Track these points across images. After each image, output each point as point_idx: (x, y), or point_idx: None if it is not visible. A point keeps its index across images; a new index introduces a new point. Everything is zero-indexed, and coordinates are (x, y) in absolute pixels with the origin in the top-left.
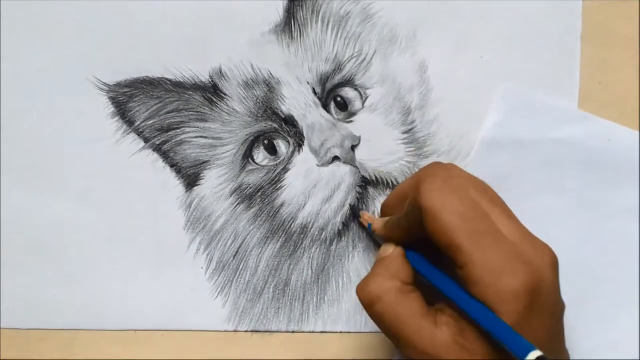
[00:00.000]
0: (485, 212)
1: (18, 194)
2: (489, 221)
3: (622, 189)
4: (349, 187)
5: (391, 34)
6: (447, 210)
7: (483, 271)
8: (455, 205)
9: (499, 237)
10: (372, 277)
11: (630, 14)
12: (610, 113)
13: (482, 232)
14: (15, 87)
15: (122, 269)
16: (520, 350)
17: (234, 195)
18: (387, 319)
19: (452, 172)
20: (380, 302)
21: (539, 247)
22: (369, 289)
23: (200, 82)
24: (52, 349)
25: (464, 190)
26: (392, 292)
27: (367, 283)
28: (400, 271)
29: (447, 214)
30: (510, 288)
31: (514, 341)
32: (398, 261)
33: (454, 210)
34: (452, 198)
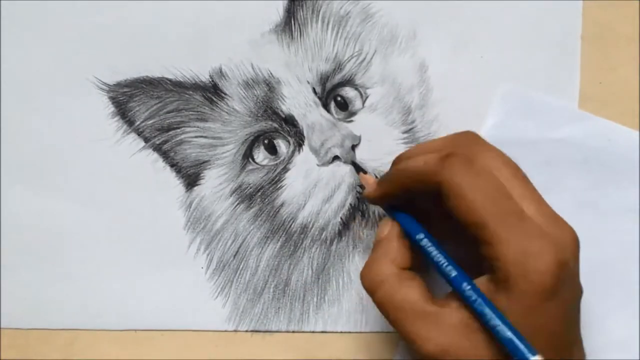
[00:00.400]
0: (509, 192)
1: (18, 194)
2: (513, 201)
3: (622, 189)
4: (349, 186)
5: (391, 33)
6: (473, 190)
7: (509, 250)
8: (481, 185)
9: (525, 217)
10: (372, 263)
11: (630, 14)
12: (610, 113)
13: (507, 211)
14: (16, 87)
15: (122, 269)
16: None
17: (234, 195)
18: (390, 304)
19: (481, 149)
20: (380, 289)
21: (563, 228)
22: (369, 276)
23: (200, 82)
24: (52, 349)
25: (490, 169)
26: (391, 279)
27: (368, 270)
28: (398, 254)
29: (473, 194)
30: (537, 269)
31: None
32: (394, 243)
33: (480, 190)
34: (478, 178)
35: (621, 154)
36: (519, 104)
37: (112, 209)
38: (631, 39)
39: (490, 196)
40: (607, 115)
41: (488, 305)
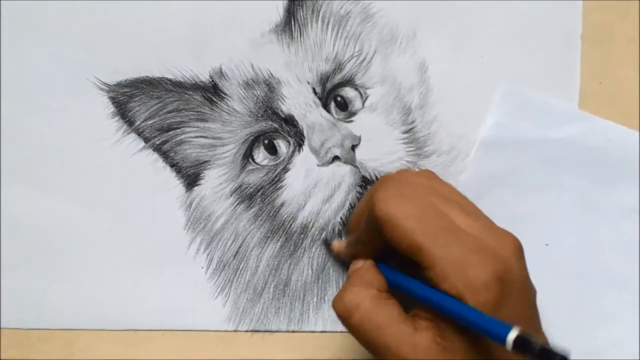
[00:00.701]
0: (440, 210)
1: (18, 194)
2: (446, 218)
3: (622, 188)
4: (349, 186)
5: (391, 33)
6: (403, 215)
7: (449, 267)
8: (410, 209)
9: (459, 231)
10: (347, 288)
11: (630, 14)
12: (610, 113)
13: (440, 229)
14: (16, 87)
15: (122, 269)
16: (500, 333)
17: (234, 195)
18: (365, 327)
19: (403, 179)
20: (357, 311)
21: (501, 235)
22: (345, 299)
23: (200, 82)
24: (52, 348)
25: (417, 193)
26: (369, 300)
27: (343, 294)
28: (374, 279)
29: (403, 219)
30: (479, 279)
31: (492, 326)
32: (370, 271)
33: (409, 214)
34: (406, 202)
35: (620, 153)
36: (518, 104)
37: (112, 209)
38: (631, 39)
39: (422, 219)
40: (607, 115)
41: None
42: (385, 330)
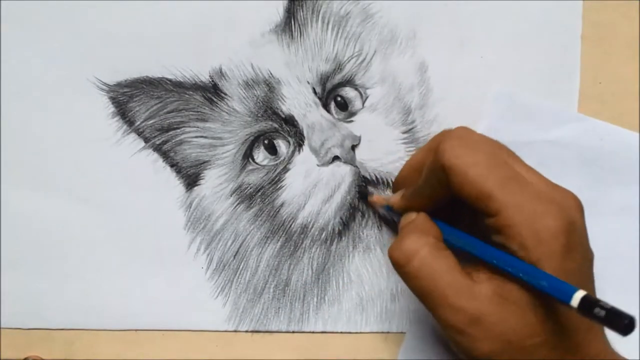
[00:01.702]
0: (506, 161)
1: (18, 194)
2: (512, 169)
3: (619, 189)
4: (349, 186)
5: (391, 33)
6: (472, 163)
7: (517, 214)
8: (478, 157)
9: (526, 182)
10: (405, 237)
11: (630, 14)
12: (610, 113)
13: (508, 178)
14: (15, 87)
15: (122, 268)
16: (565, 294)
17: (234, 195)
18: (423, 275)
19: (467, 131)
20: (415, 258)
21: (565, 192)
22: (403, 246)
23: (200, 82)
24: (52, 348)
25: (483, 144)
26: (428, 247)
27: (401, 242)
28: (432, 229)
29: (472, 166)
30: (548, 228)
31: (557, 286)
32: (427, 221)
33: (478, 162)
34: (474, 151)
35: (616, 154)
36: (510, 106)
37: (112, 208)
38: (631, 39)
39: (490, 166)
40: (607, 115)
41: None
42: (445, 279)
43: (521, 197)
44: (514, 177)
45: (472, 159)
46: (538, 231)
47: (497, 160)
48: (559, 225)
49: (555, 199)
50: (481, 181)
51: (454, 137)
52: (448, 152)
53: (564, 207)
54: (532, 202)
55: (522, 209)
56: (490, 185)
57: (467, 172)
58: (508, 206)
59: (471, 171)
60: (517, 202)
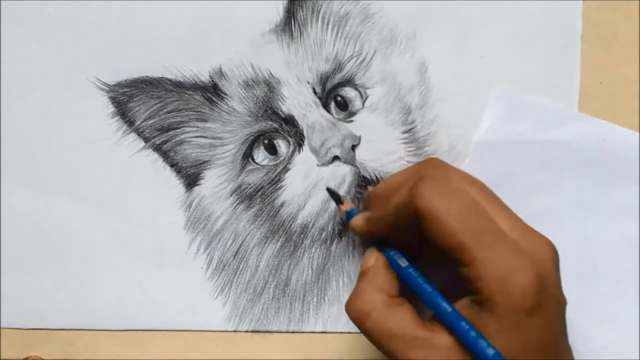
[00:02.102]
0: (484, 211)
1: (18, 194)
2: (489, 219)
3: (620, 189)
4: (349, 186)
5: (391, 33)
6: (448, 213)
7: (489, 269)
8: (456, 207)
9: (501, 234)
10: (358, 293)
11: (630, 14)
12: (611, 113)
13: (484, 230)
14: (15, 87)
15: (122, 268)
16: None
17: (234, 195)
18: (378, 334)
19: (449, 172)
20: (369, 319)
21: (540, 241)
22: (356, 306)
23: (200, 82)
24: (52, 348)
25: (462, 190)
26: (380, 306)
27: (355, 300)
28: (385, 283)
29: (448, 217)
30: (518, 285)
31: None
32: (381, 272)
33: (454, 212)
34: (451, 200)
35: (617, 154)
36: (512, 107)
37: (112, 208)
38: (631, 39)
39: (465, 217)
40: (607, 115)
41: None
42: (399, 338)
43: (494, 252)
44: (489, 229)
45: (448, 208)
46: (508, 288)
47: (474, 210)
48: (530, 283)
49: (529, 252)
50: (455, 233)
51: (432, 180)
52: (424, 197)
53: (537, 260)
54: (505, 258)
55: (494, 264)
56: (464, 237)
57: (441, 222)
58: (480, 260)
59: (446, 221)
60: (490, 257)
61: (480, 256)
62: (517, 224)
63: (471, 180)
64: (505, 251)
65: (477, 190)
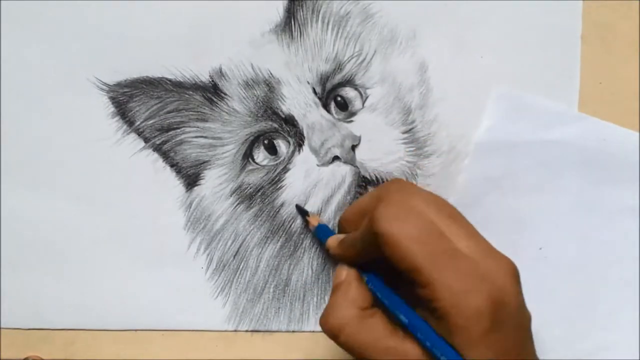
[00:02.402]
0: (442, 232)
1: (18, 194)
2: (446, 241)
3: (620, 189)
4: (349, 186)
5: (391, 33)
6: (404, 236)
7: (444, 291)
8: (411, 230)
9: (458, 255)
10: (331, 308)
11: (630, 14)
12: (611, 113)
13: (440, 252)
14: (15, 87)
15: (122, 268)
16: None
17: (234, 195)
18: (352, 347)
19: (408, 193)
20: (342, 333)
21: (499, 260)
22: (330, 322)
23: (200, 82)
24: (52, 348)
25: (420, 211)
26: (352, 321)
27: (327, 315)
28: (357, 296)
29: (404, 239)
30: (473, 306)
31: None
32: (353, 286)
33: (410, 235)
34: (408, 222)
35: (617, 154)
36: (513, 106)
37: (112, 208)
38: (631, 39)
39: (420, 239)
40: (607, 115)
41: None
42: (372, 348)
43: (450, 274)
44: (446, 252)
45: (404, 231)
46: (463, 310)
47: (431, 232)
48: (486, 305)
49: (486, 271)
50: (411, 255)
51: (390, 204)
52: (381, 221)
53: (495, 282)
54: (461, 280)
55: (449, 286)
56: (420, 260)
57: (398, 244)
58: (436, 282)
59: (402, 244)
60: (446, 279)
61: (435, 278)
62: (476, 244)
63: (431, 200)
64: (460, 272)
65: (435, 211)
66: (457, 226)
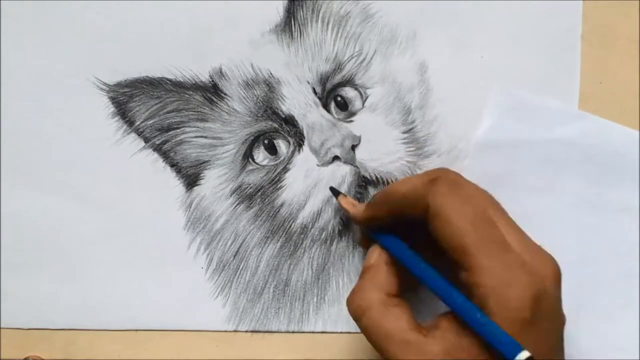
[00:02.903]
0: (494, 222)
1: (18, 194)
2: (497, 231)
3: (621, 188)
4: (349, 186)
5: (391, 33)
6: (459, 215)
7: (489, 278)
8: (468, 211)
9: (506, 246)
10: (358, 289)
11: (630, 14)
12: (611, 112)
13: (490, 240)
14: (15, 87)
15: (122, 269)
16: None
17: (234, 195)
18: (373, 332)
19: (462, 179)
20: (365, 316)
21: (544, 258)
22: (355, 302)
23: (200, 82)
24: (53, 348)
25: (474, 196)
26: (377, 305)
27: (354, 295)
28: (385, 282)
29: (458, 218)
30: (515, 297)
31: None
32: (382, 270)
33: (465, 216)
34: (464, 204)
35: (618, 152)
36: (513, 106)
37: (112, 209)
38: (631, 39)
39: (474, 223)
40: (607, 115)
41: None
42: (393, 338)
43: (497, 262)
44: (495, 240)
45: (459, 210)
46: (505, 299)
47: (484, 218)
48: (528, 297)
49: (531, 267)
50: (462, 235)
51: (448, 182)
52: (438, 196)
53: (538, 276)
54: (506, 269)
55: (494, 274)
56: (469, 241)
57: (451, 222)
58: (482, 267)
59: (456, 222)
60: (492, 266)
61: (482, 263)
62: (522, 239)
63: (482, 191)
64: (507, 263)
65: (488, 201)
66: (505, 220)
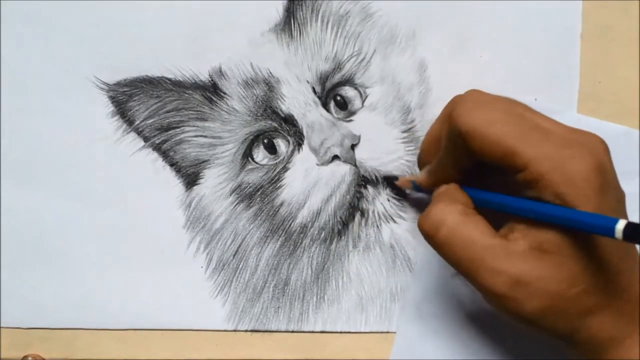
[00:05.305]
0: (523, 114)
1: (18, 194)
2: (530, 121)
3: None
4: (348, 186)
5: (390, 33)
6: (488, 123)
7: (545, 163)
8: (494, 115)
9: (547, 131)
10: (432, 207)
11: (630, 13)
12: (610, 113)
13: (528, 129)
14: (15, 87)
15: (122, 268)
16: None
17: (233, 194)
18: (453, 242)
19: (479, 92)
20: (443, 227)
21: (588, 134)
22: (431, 216)
23: (199, 81)
24: (53, 348)
25: (496, 102)
26: (456, 215)
27: (429, 212)
28: (460, 197)
29: (489, 126)
30: (578, 171)
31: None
32: (456, 190)
33: (495, 119)
34: (489, 110)
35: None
36: None
37: (111, 208)
38: (631, 39)
39: (507, 122)
40: (607, 115)
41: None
42: (477, 243)
43: (546, 146)
44: (534, 128)
45: (488, 118)
46: (569, 176)
47: (514, 115)
48: (590, 167)
49: (580, 141)
50: (502, 138)
51: (467, 100)
52: (463, 116)
53: (591, 148)
54: (558, 149)
55: (549, 157)
56: (511, 141)
57: (485, 133)
58: (534, 157)
59: (490, 131)
60: (543, 152)
61: (532, 155)
62: (558, 123)
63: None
64: (556, 144)
65: (510, 101)
66: (533, 112)
